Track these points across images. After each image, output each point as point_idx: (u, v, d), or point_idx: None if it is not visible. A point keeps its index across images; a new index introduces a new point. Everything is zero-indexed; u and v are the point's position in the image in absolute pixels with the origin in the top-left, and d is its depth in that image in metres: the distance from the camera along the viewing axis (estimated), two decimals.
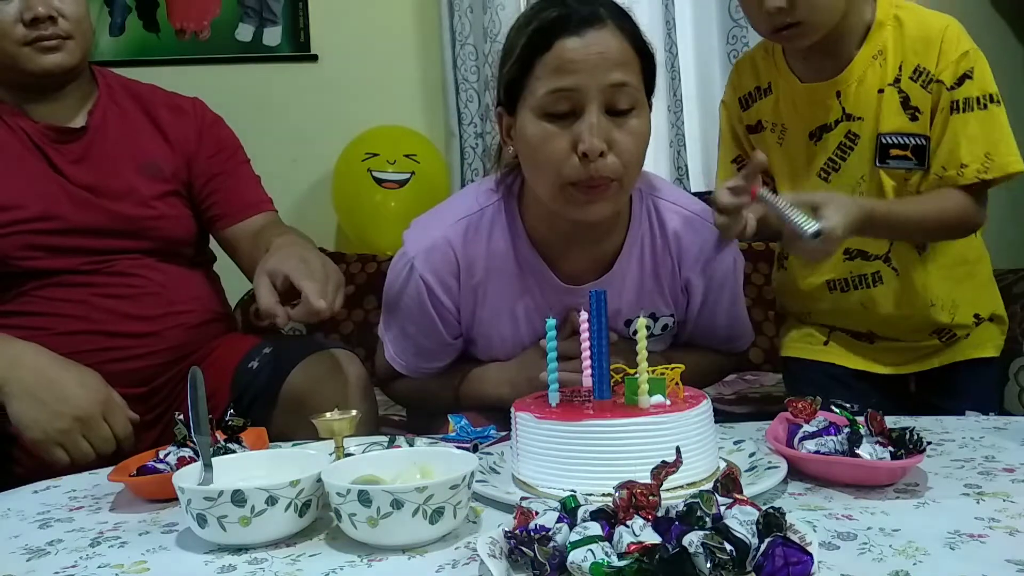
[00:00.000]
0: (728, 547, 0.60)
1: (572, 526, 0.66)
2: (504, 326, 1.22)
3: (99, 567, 0.74)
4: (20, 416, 1.15)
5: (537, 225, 1.18)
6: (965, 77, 1.22)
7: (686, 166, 2.69)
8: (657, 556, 0.59)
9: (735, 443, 0.98)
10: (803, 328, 1.45)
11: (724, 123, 1.43)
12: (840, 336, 1.41)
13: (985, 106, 1.23)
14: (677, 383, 0.91)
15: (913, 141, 1.25)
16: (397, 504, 0.72)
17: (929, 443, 0.96)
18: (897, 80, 1.25)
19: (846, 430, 0.89)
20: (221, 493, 0.75)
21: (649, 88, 1.13)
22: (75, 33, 1.33)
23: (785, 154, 1.35)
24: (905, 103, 1.25)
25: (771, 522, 0.63)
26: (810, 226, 1.02)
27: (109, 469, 1.00)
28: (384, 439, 1.03)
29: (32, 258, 1.31)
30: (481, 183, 1.27)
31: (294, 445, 1.10)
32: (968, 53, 1.22)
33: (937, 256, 1.33)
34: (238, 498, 0.75)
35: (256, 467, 0.86)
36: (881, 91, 1.25)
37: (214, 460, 0.84)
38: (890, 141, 1.25)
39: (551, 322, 0.93)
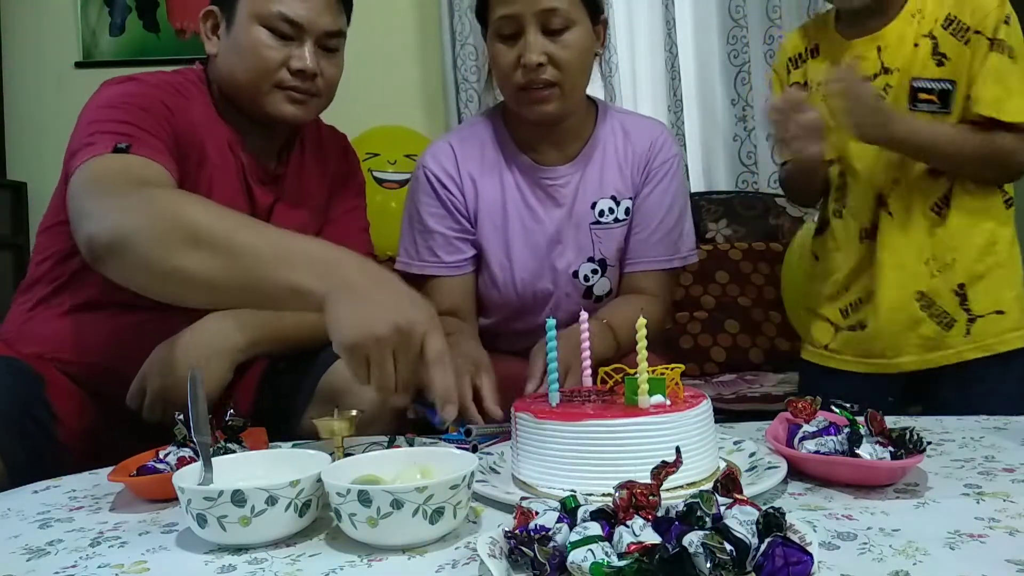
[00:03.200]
0: (728, 547, 0.59)
1: (572, 526, 0.66)
2: (496, 213, 1.46)
3: (99, 567, 0.74)
4: (338, 318, 0.89)
5: (515, 127, 1.48)
6: (1003, 23, 1.30)
7: (686, 166, 2.69)
8: (657, 556, 0.59)
9: (735, 443, 0.98)
10: (816, 324, 1.50)
11: (775, 88, 1.53)
12: (845, 336, 1.45)
13: (1016, 55, 1.31)
14: (677, 383, 0.91)
15: (939, 86, 1.32)
16: (397, 504, 0.72)
17: (929, 443, 0.96)
18: (931, 32, 1.33)
19: (846, 430, 0.89)
20: (221, 493, 0.75)
21: (590, 5, 1.37)
22: (325, 94, 1.34)
23: (828, 108, 1.38)
24: (934, 49, 1.32)
25: (771, 522, 0.62)
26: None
27: (109, 469, 1.00)
28: (384, 439, 1.03)
29: None
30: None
31: (294, 445, 1.10)
32: (1004, 2, 1.31)
33: (953, 216, 1.36)
34: (238, 498, 0.75)
35: (256, 467, 0.86)
36: (916, 44, 1.34)
37: (214, 460, 0.84)
38: (919, 86, 1.33)
39: (551, 322, 0.93)
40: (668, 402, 0.86)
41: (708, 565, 0.58)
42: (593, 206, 1.44)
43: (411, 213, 1.49)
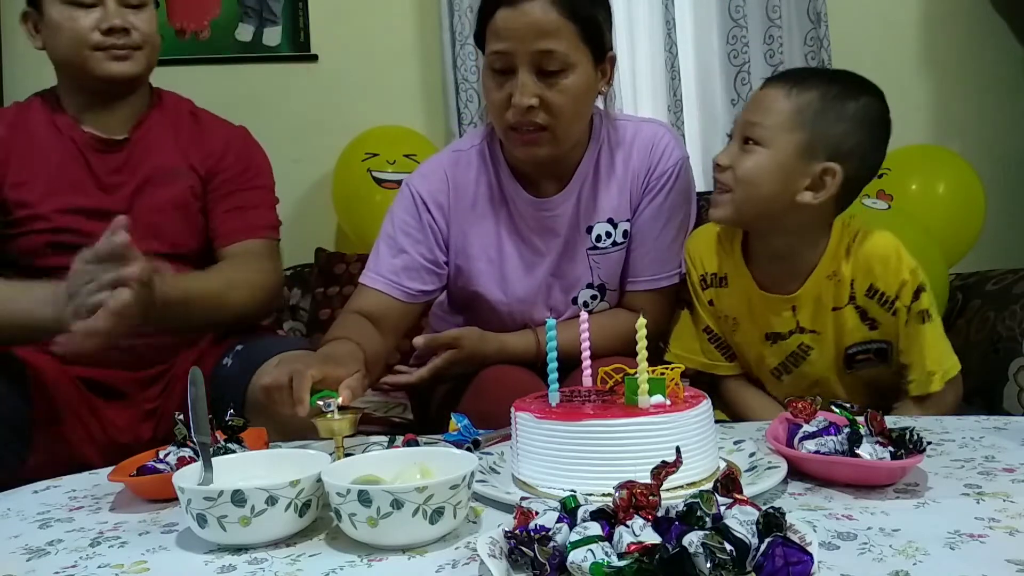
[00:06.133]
0: (728, 547, 0.60)
1: (572, 526, 0.66)
2: (490, 246, 1.39)
3: (99, 567, 0.74)
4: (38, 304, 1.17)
5: (511, 154, 1.37)
6: (920, 291, 1.26)
7: None
8: (657, 556, 0.59)
9: (735, 443, 0.98)
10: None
11: (698, 300, 1.41)
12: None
13: (932, 318, 1.28)
14: (677, 383, 0.91)
15: (876, 345, 1.31)
16: (397, 504, 0.72)
17: (929, 443, 0.96)
18: (852, 298, 1.29)
19: (846, 430, 0.90)
20: (221, 493, 0.75)
21: (594, 46, 1.27)
22: (145, 46, 1.45)
23: (740, 345, 1.39)
24: (863, 316, 1.29)
25: (771, 522, 0.63)
26: None
27: (109, 469, 1.00)
28: (384, 439, 1.03)
29: (55, 255, 1.36)
30: (475, 129, 1.55)
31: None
32: (915, 269, 1.27)
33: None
34: (238, 498, 0.75)
35: (256, 467, 0.86)
36: (837, 309, 1.30)
37: (214, 460, 0.84)
38: (855, 351, 1.32)
39: (551, 322, 0.93)
40: (668, 402, 0.86)
41: (708, 565, 0.58)
42: (589, 231, 1.38)
43: (386, 229, 1.40)
